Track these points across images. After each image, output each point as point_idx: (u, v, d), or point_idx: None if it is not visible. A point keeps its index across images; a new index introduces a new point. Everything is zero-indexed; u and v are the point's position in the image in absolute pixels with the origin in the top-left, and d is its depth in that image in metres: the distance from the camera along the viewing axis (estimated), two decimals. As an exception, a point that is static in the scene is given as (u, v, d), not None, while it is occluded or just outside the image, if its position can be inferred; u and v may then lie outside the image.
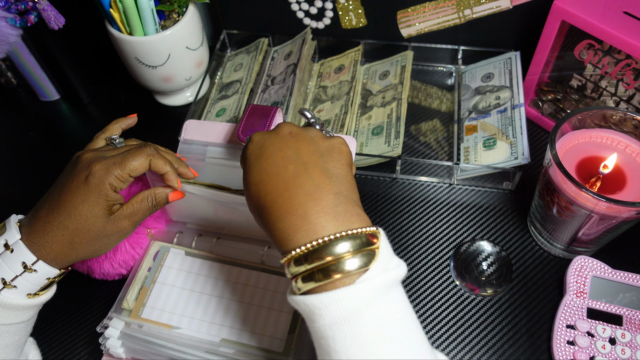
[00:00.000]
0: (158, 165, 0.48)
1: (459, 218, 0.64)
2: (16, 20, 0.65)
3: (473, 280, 0.57)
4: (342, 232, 0.35)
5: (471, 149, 0.66)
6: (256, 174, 0.40)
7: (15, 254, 0.44)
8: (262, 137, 0.42)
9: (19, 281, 0.44)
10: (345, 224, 0.36)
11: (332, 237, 0.35)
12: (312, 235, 0.35)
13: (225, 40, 0.83)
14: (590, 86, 0.65)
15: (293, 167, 0.39)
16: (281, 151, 0.40)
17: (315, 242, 0.35)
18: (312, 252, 0.35)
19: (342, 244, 0.35)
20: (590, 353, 0.52)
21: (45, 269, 0.45)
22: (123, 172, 0.45)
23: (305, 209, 0.36)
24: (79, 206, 0.44)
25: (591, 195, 0.47)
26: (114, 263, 0.55)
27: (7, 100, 0.82)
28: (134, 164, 0.46)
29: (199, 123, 0.62)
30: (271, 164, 0.40)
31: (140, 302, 0.53)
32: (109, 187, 0.45)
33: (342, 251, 0.34)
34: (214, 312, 0.52)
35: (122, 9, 0.64)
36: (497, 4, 0.70)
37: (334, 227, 0.36)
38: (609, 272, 0.56)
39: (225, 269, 0.54)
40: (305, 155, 0.40)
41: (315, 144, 0.41)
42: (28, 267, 0.44)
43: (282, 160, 0.40)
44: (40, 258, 0.44)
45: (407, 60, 0.74)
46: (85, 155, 0.47)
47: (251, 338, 0.50)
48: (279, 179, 0.39)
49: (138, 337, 0.50)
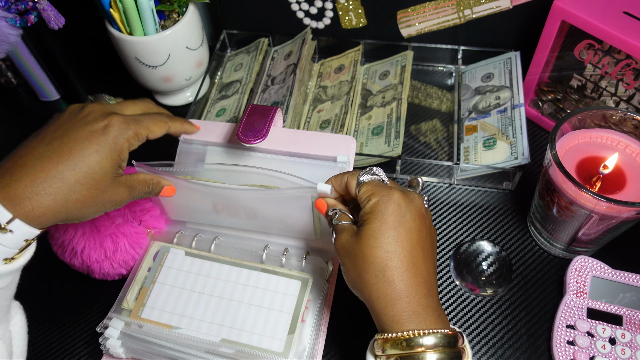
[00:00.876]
0: (176, 128, 0.49)
1: (459, 218, 0.64)
2: (16, 20, 0.65)
3: (473, 280, 0.57)
4: (441, 330, 0.39)
5: (471, 149, 0.66)
6: (392, 242, 0.40)
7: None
8: (405, 203, 0.42)
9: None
10: (444, 322, 0.40)
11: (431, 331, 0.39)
12: (420, 325, 0.39)
13: (225, 40, 0.83)
14: (590, 86, 0.65)
15: (422, 258, 0.41)
16: (416, 233, 0.41)
17: (422, 331, 0.38)
18: (412, 339, 0.38)
19: (431, 338, 0.38)
20: (590, 353, 0.52)
21: (23, 228, 0.38)
22: (142, 131, 0.44)
23: (426, 302, 0.40)
24: (89, 157, 0.40)
25: (591, 195, 0.47)
26: (114, 263, 0.55)
27: (7, 100, 0.82)
28: (154, 127, 0.45)
29: (198, 123, 0.62)
30: (408, 242, 0.41)
31: (140, 302, 0.53)
32: (126, 142, 0.42)
33: (430, 344, 0.38)
34: (213, 312, 0.52)
35: (122, 8, 0.64)
36: (497, 4, 0.70)
37: (440, 325, 0.40)
38: (609, 272, 0.56)
39: (225, 269, 0.54)
40: (429, 248, 0.42)
41: (431, 234, 0.44)
42: (1, 226, 0.37)
43: (417, 243, 0.41)
44: (18, 216, 0.37)
45: (407, 60, 0.74)
46: (93, 106, 0.43)
47: (251, 338, 0.50)
48: (411, 262, 0.40)
49: (138, 337, 0.50)
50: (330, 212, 0.46)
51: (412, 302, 0.39)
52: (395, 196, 0.41)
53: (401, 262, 0.40)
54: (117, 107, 0.46)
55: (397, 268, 0.40)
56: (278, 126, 0.61)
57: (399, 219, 0.41)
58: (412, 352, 0.38)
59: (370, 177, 0.44)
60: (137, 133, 0.43)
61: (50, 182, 0.39)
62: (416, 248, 0.41)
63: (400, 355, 0.38)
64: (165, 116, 0.49)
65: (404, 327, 0.39)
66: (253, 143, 0.55)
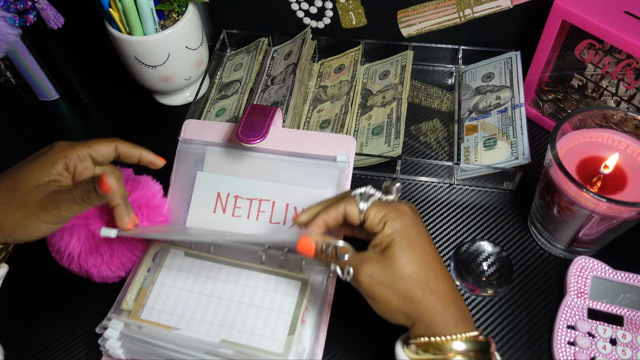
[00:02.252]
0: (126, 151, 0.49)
1: (459, 218, 0.64)
2: (15, 20, 0.65)
3: (473, 281, 0.57)
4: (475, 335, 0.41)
5: (471, 149, 0.66)
6: (421, 253, 0.42)
7: None
8: (412, 214, 0.43)
9: None
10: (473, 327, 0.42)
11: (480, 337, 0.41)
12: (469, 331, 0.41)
13: (225, 39, 0.83)
14: (591, 86, 0.64)
15: (440, 262, 0.43)
16: (428, 238, 0.43)
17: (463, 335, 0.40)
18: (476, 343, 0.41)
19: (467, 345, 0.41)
20: (591, 354, 0.52)
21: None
22: (83, 149, 0.46)
23: (465, 309, 0.42)
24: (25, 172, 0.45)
25: (592, 195, 0.47)
26: (112, 266, 0.55)
27: (6, 100, 0.82)
28: (96, 145, 0.47)
29: (198, 123, 0.62)
30: (429, 248, 0.43)
31: (139, 303, 0.53)
32: (62, 156, 0.45)
33: (461, 349, 0.40)
34: (213, 313, 0.51)
35: (122, 8, 0.64)
36: (498, 4, 0.70)
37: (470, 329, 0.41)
38: (610, 272, 0.56)
39: (224, 269, 0.54)
40: (436, 254, 0.44)
41: None
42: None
43: (432, 248, 0.43)
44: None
45: (407, 60, 0.74)
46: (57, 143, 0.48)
47: (250, 339, 0.50)
48: (439, 266, 0.42)
49: (137, 338, 0.50)
50: (325, 249, 0.44)
51: (457, 306, 0.42)
52: (405, 209, 0.43)
53: (436, 271, 0.42)
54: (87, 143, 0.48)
55: (437, 277, 0.41)
56: (278, 126, 0.61)
57: (417, 230, 0.42)
58: (445, 358, 0.40)
59: (371, 200, 0.44)
60: (75, 149, 0.45)
61: None
62: (436, 253, 0.43)
63: (432, 358, 0.40)
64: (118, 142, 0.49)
65: (450, 331, 0.40)
66: (253, 143, 0.55)
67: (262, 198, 0.58)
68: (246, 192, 0.58)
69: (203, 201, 0.59)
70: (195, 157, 0.60)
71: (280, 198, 0.58)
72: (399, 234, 0.41)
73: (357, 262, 0.42)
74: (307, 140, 0.58)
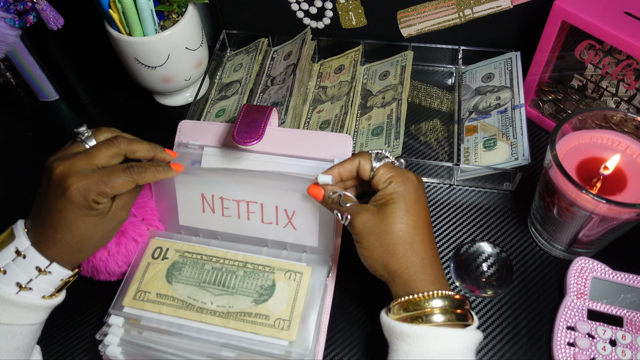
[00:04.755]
0: (146, 180, 0.49)
1: (459, 219, 0.64)
2: (15, 21, 0.65)
3: (473, 282, 0.57)
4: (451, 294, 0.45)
5: (471, 149, 0.66)
6: (416, 219, 0.46)
7: (29, 259, 0.45)
8: (418, 183, 0.47)
9: (35, 283, 0.46)
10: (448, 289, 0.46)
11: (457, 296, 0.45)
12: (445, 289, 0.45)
13: (225, 40, 0.83)
14: (591, 86, 0.64)
15: (431, 228, 0.47)
16: (425, 208, 0.47)
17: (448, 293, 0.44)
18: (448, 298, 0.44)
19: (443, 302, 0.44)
20: (590, 354, 0.52)
21: (59, 270, 0.47)
22: (106, 190, 0.46)
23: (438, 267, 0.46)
24: (73, 223, 0.46)
25: (591, 196, 0.47)
26: (118, 261, 0.55)
27: (6, 101, 0.82)
28: (118, 184, 0.46)
29: (193, 124, 0.61)
30: (426, 217, 0.47)
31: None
32: (93, 203, 0.46)
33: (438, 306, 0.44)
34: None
35: (121, 9, 0.64)
36: (498, 4, 0.70)
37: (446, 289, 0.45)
38: (610, 273, 0.56)
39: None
40: (429, 217, 0.48)
41: None
42: (42, 269, 0.46)
43: (428, 218, 0.47)
44: (54, 261, 0.46)
45: (407, 60, 0.74)
46: (58, 164, 0.46)
47: (252, 342, 0.49)
48: (427, 233, 0.46)
49: (138, 343, 0.50)
50: (332, 195, 0.49)
51: (435, 268, 0.45)
52: (411, 177, 0.47)
53: (424, 236, 0.46)
54: (88, 155, 0.47)
55: (422, 241, 0.45)
56: (274, 126, 0.61)
57: (416, 197, 0.46)
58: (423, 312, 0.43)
59: (384, 160, 0.48)
60: (100, 193, 0.46)
61: (61, 246, 0.46)
62: (429, 222, 0.47)
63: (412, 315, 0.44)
64: (137, 170, 0.49)
65: (427, 288, 0.44)
66: (249, 144, 0.54)
67: (248, 200, 0.56)
68: (230, 194, 0.57)
69: (190, 203, 0.58)
70: (192, 157, 0.60)
71: (269, 199, 0.56)
72: (398, 195, 0.46)
73: (355, 210, 0.47)
74: (304, 140, 0.58)
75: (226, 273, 0.53)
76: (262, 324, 0.50)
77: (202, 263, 0.54)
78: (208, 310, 0.51)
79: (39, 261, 0.46)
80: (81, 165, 0.46)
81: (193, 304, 0.51)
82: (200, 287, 0.52)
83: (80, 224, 0.46)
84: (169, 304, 0.52)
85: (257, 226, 0.57)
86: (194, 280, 0.53)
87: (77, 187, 0.45)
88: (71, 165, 0.46)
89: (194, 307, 0.51)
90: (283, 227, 0.56)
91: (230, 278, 0.53)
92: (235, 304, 0.51)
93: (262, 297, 0.51)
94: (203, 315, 0.51)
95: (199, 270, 0.53)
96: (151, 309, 0.51)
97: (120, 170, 0.47)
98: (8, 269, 0.45)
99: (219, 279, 0.53)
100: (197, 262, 0.54)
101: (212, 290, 0.52)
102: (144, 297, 0.52)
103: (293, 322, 0.50)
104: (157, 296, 0.52)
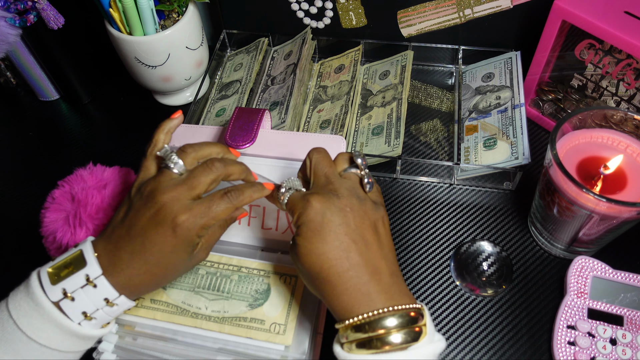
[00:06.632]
0: (243, 203, 0.46)
1: (459, 218, 0.64)
2: (15, 20, 0.65)
3: (473, 281, 0.57)
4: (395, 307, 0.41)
5: (471, 149, 0.66)
6: (319, 245, 0.42)
7: (99, 290, 0.43)
8: (322, 205, 0.42)
9: (99, 313, 0.44)
10: (397, 302, 0.41)
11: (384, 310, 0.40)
12: (369, 309, 0.41)
13: (225, 40, 0.83)
14: (591, 86, 0.64)
15: (355, 247, 0.42)
16: (343, 227, 0.42)
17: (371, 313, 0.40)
18: (369, 323, 0.40)
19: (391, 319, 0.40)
20: (591, 353, 0.52)
21: (125, 302, 0.45)
22: (209, 222, 0.44)
23: (368, 289, 0.41)
24: (168, 256, 0.44)
25: (592, 195, 0.47)
26: None
27: (6, 100, 0.82)
28: (219, 212, 0.45)
29: (185, 127, 0.61)
30: (334, 239, 0.42)
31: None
32: (196, 237, 0.44)
33: (392, 325, 0.40)
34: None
35: (122, 8, 0.64)
36: (498, 4, 0.70)
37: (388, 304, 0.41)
38: (610, 272, 0.56)
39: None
40: (365, 234, 0.43)
41: (368, 218, 0.44)
42: (110, 301, 0.44)
43: (344, 236, 0.42)
44: (123, 294, 0.44)
45: (408, 60, 0.74)
46: (161, 197, 0.44)
47: (247, 345, 0.49)
48: (343, 256, 0.42)
49: (132, 349, 0.49)
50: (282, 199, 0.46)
51: (354, 293, 0.41)
52: (311, 202, 0.43)
53: (334, 260, 0.41)
54: (189, 186, 0.45)
55: (331, 267, 0.41)
56: (266, 128, 0.61)
57: (319, 220, 0.42)
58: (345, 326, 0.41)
59: (288, 194, 0.46)
60: (204, 226, 0.44)
61: (142, 277, 0.44)
62: (345, 241, 0.42)
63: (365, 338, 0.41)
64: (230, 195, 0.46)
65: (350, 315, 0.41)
66: (242, 148, 0.54)
67: (251, 203, 0.55)
68: None
69: None
70: None
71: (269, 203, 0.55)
72: (301, 227, 0.43)
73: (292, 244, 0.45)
74: (297, 142, 0.58)
75: (221, 277, 0.52)
76: (258, 329, 0.49)
77: (196, 268, 0.54)
78: (203, 316, 0.50)
79: (108, 293, 0.43)
80: (185, 198, 0.44)
81: (188, 310, 0.50)
82: (195, 292, 0.52)
83: (174, 258, 0.44)
84: (163, 310, 0.51)
85: (257, 232, 0.56)
86: (188, 285, 0.52)
87: (185, 222, 0.43)
88: (176, 199, 0.44)
89: (189, 312, 0.50)
90: (282, 233, 0.56)
91: (224, 282, 0.52)
92: (230, 309, 0.50)
93: (257, 302, 0.51)
94: (198, 320, 0.50)
95: (193, 275, 0.53)
96: (145, 315, 0.51)
97: (218, 198, 0.45)
98: (76, 296, 0.43)
99: (213, 284, 0.52)
100: None
101: (206, 295, 0.51)
102: (138, 303, 0.51)
103: (289, 326, 0.49)
104: (151, 302, 0.51)
